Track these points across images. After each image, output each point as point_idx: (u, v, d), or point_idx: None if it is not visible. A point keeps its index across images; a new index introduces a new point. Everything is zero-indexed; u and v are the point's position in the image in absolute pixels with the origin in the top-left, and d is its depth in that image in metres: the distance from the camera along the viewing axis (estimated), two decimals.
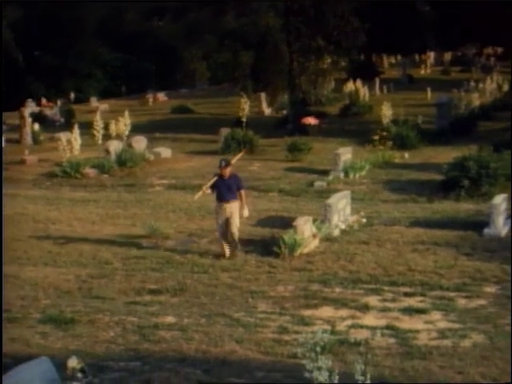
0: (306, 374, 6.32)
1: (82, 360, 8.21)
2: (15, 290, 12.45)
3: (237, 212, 13.57)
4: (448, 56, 65.46)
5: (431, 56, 65.59)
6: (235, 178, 13.75)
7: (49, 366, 8.10)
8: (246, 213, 13.81)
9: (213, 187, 13.67)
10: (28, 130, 31.61)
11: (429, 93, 40.16)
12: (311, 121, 30.33)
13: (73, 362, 8.06)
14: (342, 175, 21.79)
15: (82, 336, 10.23)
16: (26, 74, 55.28)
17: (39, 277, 13.25)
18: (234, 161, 14.39)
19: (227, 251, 13.61)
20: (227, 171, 13.55)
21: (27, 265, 14.10)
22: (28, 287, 12.69)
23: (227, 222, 13.56)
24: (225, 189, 13.45)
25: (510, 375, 6.46)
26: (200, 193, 13.88)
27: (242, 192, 13.69)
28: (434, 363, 8.97)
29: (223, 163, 13.65)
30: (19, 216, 18.25)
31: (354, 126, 32.10)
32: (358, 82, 40.98)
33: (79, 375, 8.01)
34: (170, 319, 10.86)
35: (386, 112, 27.92)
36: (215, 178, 13.62)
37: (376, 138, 26.37)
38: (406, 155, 24.71)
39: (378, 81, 45.68)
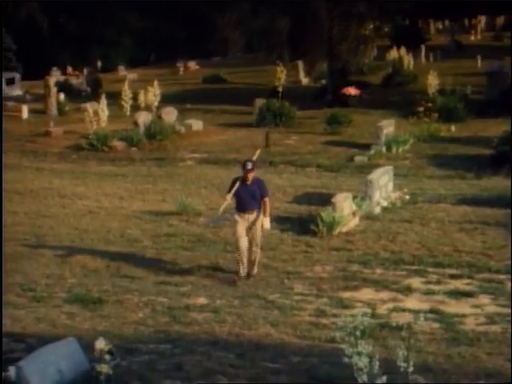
0: (345, 360, 6.35)
1: (110, 342, 8.30)
2: (40, 268, 12.64)
3: (261, 224, 11.85)
4: (500, 20, 64.24)
5: (482, 20, 64.44)
6: (259, 182, 11.84)
7: (76, 348, 8.24)
8: (267, 224, 11.87)
9: (233, 194, 11.78)
10: (53, 100, 31.86)
11: (479, 61, 39.55)
12: (352, 91, 30.12)
13: (100, 344, 8.17)
14: (384, 149, 21.65)
15: (109, 317, 10.36)
16: (51, 41, 55.67)
17: (65, 254, 13.43)
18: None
19: (243, 271, 11.70)
20: (251, 175, 11.69)
21: (53, 242, 14.29)
22: (53, 265, 12.87)
23: (249, 237, 11.74)
24: (248, 196, 11.60)
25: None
26: (225, 204, 11.99)
27: (267, 200, 11.77)
28: (482, 350, 8.92)
29: (249, 165, 11.65)
30: (44, 191, 18.49)
31: (398, 96, 31.79)
32: (402, 50, 40.52)
33: (107, 357, 8.11)
34: (202, 300, 10.94)
35: (432, 81, 27.62)
36: (237, 184, 11.71)
37: (421, 109, 26.12)
38: (453, 128, 24.45)
39: (423, 48, 45.12)
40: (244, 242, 11.56)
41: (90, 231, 14.96)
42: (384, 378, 6.31)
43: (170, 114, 26.60)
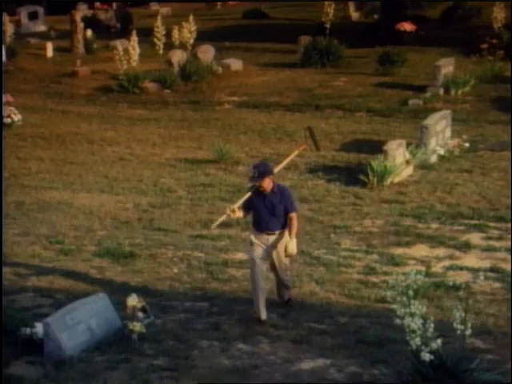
0: (397, 321, 6.39)
1: (143, 298, 8.48)
2: (68, 220, 12.84)
3: (284, 248, 9.03)
4: None
5: None
6: (283, 192, 9.04)
7: (106, 304, 8.41)
8: (292, 248, 8.95)
9: (247, 207, 9.13)
10: (80, 37, 31.89)
11: None
12: (407, 27, 29.65)
13: (133, 301, 8.33)
14: (441, 92, 21.40)
15: (142, 272, 10.52)
16: None
17: (94, 205, 13.61)
18: (280, 167, 9.92)
19: (263, 313, 8.87)
20: (267, 183, 8.86)
21: (81, 191, 14.48)
22: (82, 216, 13.06)
23: (271, 266, 9.16)
24: (265, 211, 8.89)
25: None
26: (221, 219, 9.66)
27: (294, 216, 8.98)
28: None
29: (255, 172, 8.82)
30: (71, 136, 18.67)
31: (458, 32, 31.22)
32: None
33: (140, 315, 8.29)
34: (241, 256, 11.03)
35: (498, 15, 27.04)
36: (249, 194, 9.10)
37: (484, 46, 25.64)
38: None
39: None
40: (261, 273, 8.90)
41: (121, 180, 15.11)
42: (439, 342, 6.36)
43: (207, 53, 26.50)
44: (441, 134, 15.92)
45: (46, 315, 8.27)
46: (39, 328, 7.93)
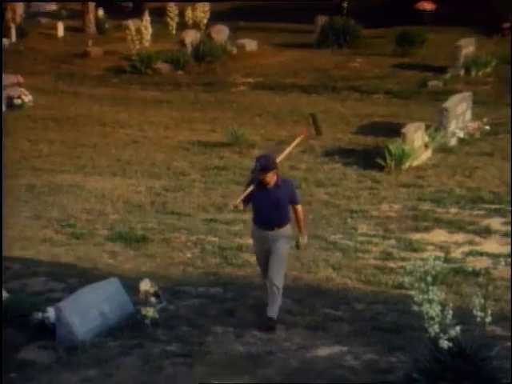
0: (414, 307, 6.40)
1: (156, 283, 8.51)
2: (80, 203, 12.90)
3: (286, 246, 8.53)
4: None
5: None
6: (287, 185, 8.59)
7: (119, 289, 8.45)
8: (304, 242, 8.74)
9: (248, 201, 8.63)
10: (91, 16, 31.89)
11: None
12: (426, 6, 29.50)
13: (145, 285, 8.36)
14: (462, 73, 21.31)
15: (155, 256, 10.57)
16: None
17: (106, 188, 13.65)
18: (282, 156, 9.09)
19: (274, 311, 8.45)
20: (270, 176, 8.40)
21: (93, 174, 14.53)
22: (94, 200, 13.11)
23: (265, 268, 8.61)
24: (268, 206, 8.42)
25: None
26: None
27: (299, 208, 8.57)
28: None
29: (257, 166, 8.41)
30: (83, 118, 18.71)
31: (480, 11, 31.03)
32: None
33: (152, 300, 8.32)
34: None
35: None
36: (251, 187, 8.54)
37: (506, 25, 25.49)
38: None
39: None
40: (265, 268, 8.54)
41: (133, 163, 15.15)
42: (457, 329, 6.36)
43: (221, 33, 26.47)
44: (461, 116, 15.87)
45: (58, 300, 8.32)
46: (51, 313, 7.99)
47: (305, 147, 14.96)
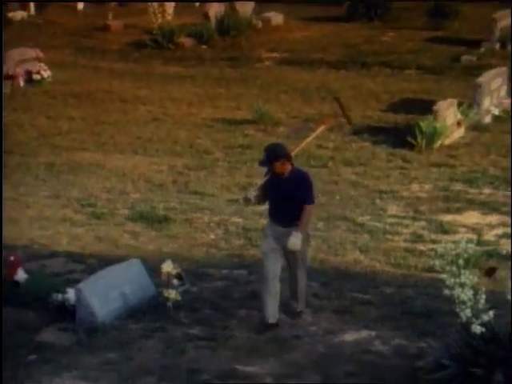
0: (446, 291, 6.39)
1: (178, 265, 8.55)
2: (100, 182, 12.97)
3: (306, 247, 8.17)
4: None
5: None
6: (301, 179, 8.01)
7: (140, 270, 8.52)
8: (295, 242, 7.75)
9: (265, 194, 8.19)
10: None
11: None
12: None
13: (168, 267, 8.41)
14: (497, 47, 21.13)
15: (177, 237, 10.62)
16: None
17: (127, 166, 13.72)
18: (301, 147, 8.97)
19: (272, 316, 7.99)
20: (279, 167, 7.91)
21: (113, 152, 14.59)
22: (114, 178, 13.18)
23: (289, 264, 8.19)
24: (280, 198, 7.97)
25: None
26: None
27: (309, 208, 7.88)
28: None
29: (264, 155, 8.03)
30: (103, 94, 18.77)
31: None
32: None
33: (175, 282, 8.37)
34: None
35: None
36: (265, 178, 8.13)
37: None
38: None
39: None
40: (273, 272, 7.97)
41: (155, 141, 15.19)
42: (491, 314, 6.35)
43: (246, 6, 26.37)
44: (495, 92, 15.75)
45: (78, 281, 8.39)
46: (71, 294, 8.05)
47: (332, 125, 14.90)
